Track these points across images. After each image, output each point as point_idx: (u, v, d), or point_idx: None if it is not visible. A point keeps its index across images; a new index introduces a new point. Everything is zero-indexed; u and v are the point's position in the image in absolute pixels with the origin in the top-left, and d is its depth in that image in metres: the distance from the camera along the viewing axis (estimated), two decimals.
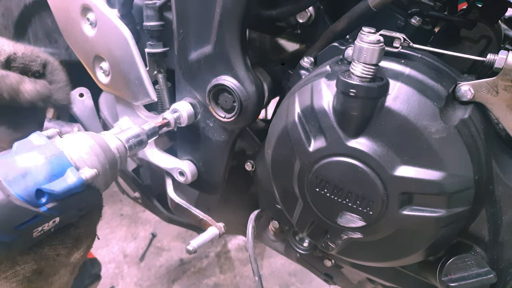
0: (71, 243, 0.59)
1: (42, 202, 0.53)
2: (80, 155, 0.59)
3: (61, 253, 0.58)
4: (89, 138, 0.62)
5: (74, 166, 0.57)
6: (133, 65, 0.80)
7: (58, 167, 0.55)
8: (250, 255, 0.87)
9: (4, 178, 0.51)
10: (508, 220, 0.62)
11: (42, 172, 0.54)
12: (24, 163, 0.54)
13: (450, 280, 0.62)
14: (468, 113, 0.59)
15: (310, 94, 0.64)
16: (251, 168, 0.90)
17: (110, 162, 0.64)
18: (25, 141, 0.58)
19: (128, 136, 0.71)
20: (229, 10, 0.71)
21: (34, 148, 0.56)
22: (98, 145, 0.63)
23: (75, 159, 0.58)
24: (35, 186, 0.52)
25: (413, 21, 0.74)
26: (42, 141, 0.58)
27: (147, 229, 2.22)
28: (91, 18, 0.81)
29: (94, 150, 0.61)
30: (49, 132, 0.61)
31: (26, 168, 0.53)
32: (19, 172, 0.52)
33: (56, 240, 0.58)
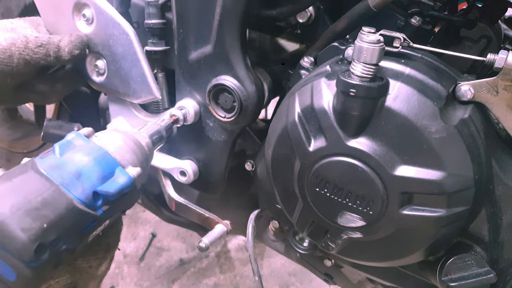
0: (102, 253, 0.59)
1: (98, 204, 0.52)
2: (121, 154, 0.58)
3: (93, 265, 0.57)
4: (124, 136, 0.61)
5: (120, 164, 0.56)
6: (135, 62, 0.79)
7: (107, 167, 0.54)
8: (250, 255, 0.87)
9: (61, 182, 0.49)
10: (508, 220, 0.62)
11: (95, 174, 0.52)
12: (74, 165, 0.52)
13: (450, 279, 0.62)
14: (468, 113, 0.59)
15: (310, 94, 0.64)
16: (251, 168, 0.90)
17: (146, 160, 0.63)
18: (65, 143, 0.56)
19: (151, 132, 0.71)
20: (229, 10, 0.72)
21: (78, 149, 0.55)
22: (133, 143, 0.62)
23: (118, 158, 0.57)
24: (91, 188, 0.51)
25: (413, 21, 0.74)
26: (82, 141, 0.57)
27: (147, 229, 2.22)
28: (87, 14, 0.80)
29: (132, 148, 0.61)
30: (84, 131, 0.60)
31: (78, 170, 0.51)
32: (73, 175, 0.51)
33: (90, 251, 0.57)
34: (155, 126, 0.73)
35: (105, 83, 0.86)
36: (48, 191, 0.47)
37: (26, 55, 0.72)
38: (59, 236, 0.46)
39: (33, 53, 0.73)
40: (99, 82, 0.87)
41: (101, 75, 0.86)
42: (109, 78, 0.85)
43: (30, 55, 0.73)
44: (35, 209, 0.45)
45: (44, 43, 0.74)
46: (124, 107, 0.92)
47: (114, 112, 0.94)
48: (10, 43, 0.71)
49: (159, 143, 0.73)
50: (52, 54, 0.75)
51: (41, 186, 0.48)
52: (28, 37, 0.73)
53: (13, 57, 0.71)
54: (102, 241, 0.59)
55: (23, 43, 0.72)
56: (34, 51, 0.73)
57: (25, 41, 0.72)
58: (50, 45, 0.75)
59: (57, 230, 0.46)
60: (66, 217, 0.47)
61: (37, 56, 0.73)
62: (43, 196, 0.47)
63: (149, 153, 0.66)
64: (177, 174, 0.93)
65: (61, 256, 0.47)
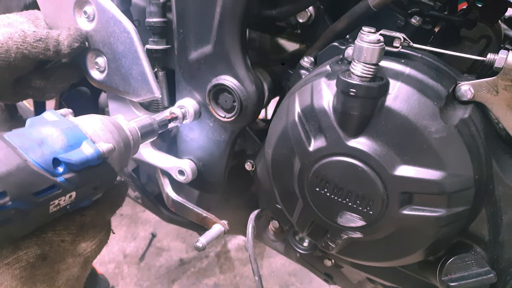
0: (75, 229, 0.58)
1: (59, 171, 0.51)
2: (95, 131, 0.58)
3: (66, 240, 0.57)
4: (103, 118, 0.61)
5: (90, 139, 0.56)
6: (136, 60, 0.79)
7: (73, 138, 0.54)
8: (250, 255, 0.87)
9: (20, 145, 0.49)
10: (508, 220, 0.62)
11: (58, 142, 0.52)
12: (40, 134, 0.52)
13: (450, 279, 0.62)
14: (468, 113, 0.59)
15: (310, 93, 0.64)
16: (251, 168, 0.90)
17: (124, 141, 0.62)
18: (38, 117, 0.56)
19: (141, 124, 0.70)
20: (229, 9, 0.72)
21: (48, 123, 0.55)
22: (111, 124, 0.61)
23: (90, 133, 0.57)
24: (52, 154, 0.50)
25: (413, 21, 0.74)
26: (55, 117, 0.57)
27: (147, 229, 2.22)
28: (88, 11, 0.80)
29: (108, 127, 0.60)
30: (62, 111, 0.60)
31: (42, 138, 0.51)
32: (35, 142, 0.51)
33: (60, 225, 0.56)
34: (148, 120, 0.73)
35: (105, 81, 0.86)
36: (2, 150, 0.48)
37: (24, 50, 0.71)
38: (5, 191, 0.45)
39: (31, 47, 0.72)
40: (99, 80, 0.86)
41: (101, 73, 0.86)
42: (110, 76, 0.84)
43: (28, 50, 0.72)
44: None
45: (43, 37, 0.73)
46: (124, 105, 0.91)
47: (113, 110, 0.94)
48: (7, 38, 0.70)
49: (150, 136, 0.72)
50: (51, 48, 0.74)
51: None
52: (26, 32, 0.72)
53: (10, 52, 0.70)
54: (75, 218, 0.58)
55: (20, 37, 0.71)
56: (33, 45, 0.72)
57: (23, 35, 0.72)
58: (49, 39, 0.74)
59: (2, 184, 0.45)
60: (15, 174, 0.47)
61: (36, 51, 0.73)
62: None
63: (131, 138, 0.66)
64: (175, 173, 0.93)
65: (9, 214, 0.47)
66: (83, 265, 0.60)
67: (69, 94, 1.16)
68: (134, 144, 0.67)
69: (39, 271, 0.54)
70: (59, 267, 0.56)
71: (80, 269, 0.59)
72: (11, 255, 0.51)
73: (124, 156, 0.63)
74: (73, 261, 0.58)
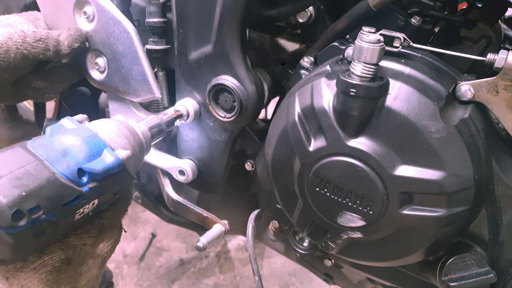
0: (95, 232, 0.59)
1: (83, 181, 0.53)
2: (112, 138, 0.59)
3: (87, 243, 0.58)
4: (117, 123, 0.63)
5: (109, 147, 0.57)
6: (136, 60, 0.79)
7: (95, 147, 0.55)
8: (250, 255, 0.87)
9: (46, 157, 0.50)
10: (508, 220, 0.62)
11: (81, 152, 0.54)
12: (62, 144, 0.54)
13: (450, 279, 0.62)
14: (468, 113, 0.59)
15: (310, 93, 0.64)
16: (251, 168, 0.90)
17: (139, 146, 0.64)
18: (57, 125, 0.58)
19: (150, 124, 0.72)
20: (229, 10, 0.72)
21: (68, 131, 0.56)
22: (126, 129, 0.63)
23: (108, 141, 0.58)
24: (76, 165, 0.52)
25: (413, 21, 0.74)
26: (73, 125, 0.58)
27: (147, 229, 2.22)
28: (88, 11, 0.80)
29: (124, 133, 0.62)
30: (78, 117, 0.61)
31: (65, 148, 0.53)
32: (59, 152, 0.52)
33: (81, 229, 0.58)
34: (156, 119, 0.74)
35: (105, 81, 0.86)
36: (31, 164, 0.49)
37: (24, 50, 0.72)
38: (39, 205, 0.47)
39: (31, 48, 0.72)
40: (99, 80, 0.87)
41: (101, 73, 0.86)
42: (110, 76, 0.85)
43: (28, 50, 0.72)
44: (16, 179, 0.46)
45: (43, 38, 0.73)
46: (124, 106, 0.92)
47: (113, 111, 0.94)
48: (7, 38, 0.70)
49: (159, 135, 0.74)
50: (51, 48, 0.74)
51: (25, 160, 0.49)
52: (26, 32, 0.73)
53: (10, 52, 0.70)
54: (94, 221, 0.60)
55: (20, 38, 0.71)
56: (33, 45, 0.72)
57: (22, 36, 0.72)
58: (49, 39, 0.74)
59: (36, 199, 0.47)
60: (46, 188, 0.48)
61: (36, 51, 0.73)
62: (25, 168, 0.48)
63: (144, 141, 0.67)
64: (175, 173, 0.93)
65: (42, 226, 0.48)
66: (101, 265, 0.62)
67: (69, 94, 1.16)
68: (146, 147, 0.69)
69: (63, 274, 0.55)
70: (81, 269, 0.58)
71: (99, 269, 0.61)
72: (38, 260, 0.53)
73: (139, 160, 0.65)
74: (93, 263, 0.60)
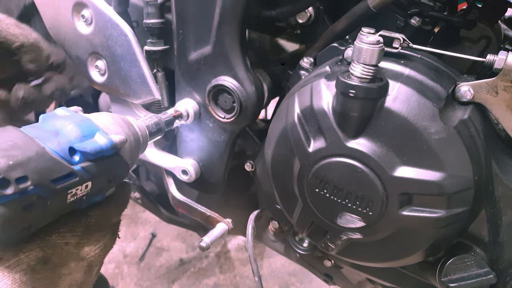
0: (80, 231, 0.56)
1: (75, 160, 0.52)
2: (106, 125, 0.59)
3: (70, 242, 0.55)
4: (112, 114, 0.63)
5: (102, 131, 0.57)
6: (135, 62, 0.79)
7: (87, 130, 0.55)
8: (250, 255, 0.87)
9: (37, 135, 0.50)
10: (508, 221, 0.62)
11: (73, 133, 0.53)
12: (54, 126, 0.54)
13: (450, 280, 0.62)
14: (468, 114, 0.59)
15: (310, 94, 0.64)
16: (251, 168, 0.90)
17: (134, 136, 0.64)
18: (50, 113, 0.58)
19: (148, 122, 0.72)
20: (228, 10, 0.71)
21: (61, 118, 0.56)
22: (121, 120, 0.63)
23: (101, 126, 0.58)
24: (68, 144, 0.52)
25: (413, 22, 0.74)
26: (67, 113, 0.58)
27: (147, 229, 2.22)
28: (86, 15, 0.80)
29: (118, 122, 0.62)
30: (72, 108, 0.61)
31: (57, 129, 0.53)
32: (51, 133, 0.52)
33: (65, 227, 0.55)
34: (154, 118, 0.74)
35: (106, 83, 0.86)
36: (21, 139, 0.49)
37: None
38: (26, 175, 0.46)
39: None
40: (100, 83, 0.87)
41: (102, 76, 0.86)
42: (110, 79, 0.85)
43: None
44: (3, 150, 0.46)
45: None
46: (126, 107, 0.92)
47: (116, 112, 0.94)
48: None
49: (157, 134, 0.74)
50: None
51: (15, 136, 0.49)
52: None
53: None
54: (81, 219, 0.57)
55: None
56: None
57: None
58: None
59: (23, 169, 0.46)
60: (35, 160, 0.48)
61: None
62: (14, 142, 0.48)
63: (140, 134, 0.67)
64: (179, 173, 0.93)
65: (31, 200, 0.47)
66: (87, 270, 0.58)
67: None
68: (143, 141, 0.68)
69: (39, 275, 0.52)
70: (61, 271, 0.54)
71: (84, 274, 0.58)
72: (13, 258, 0.50)
73: (134, 151, 0.64)
74: (76, 266, 0.56)
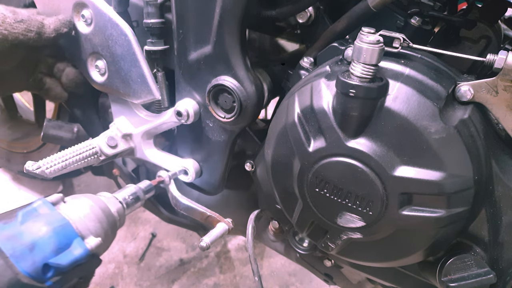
0: None
1: (48, 276, 0.53)
2: (85, 223, 0.61)
3: None
4: (92, 204, 0.64)
5: (80, 235, 0.59)
6: (135, 62, 0.79)
7: (64, 238, 0.56)
8: (250, 255, 0.87)
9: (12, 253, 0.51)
10: (508, 220, 0.62)
11: (50, 245, 0.55)
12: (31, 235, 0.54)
13: (450, 280, 0.62)
14: (468, 113, 0.59)
15: (310, 94, 0.64)
16: (251, 168, 0.90)
17: (111, 227, 0.66)
18: (30, 210, 0.58)
19: (126, 195, 0.74)
20: (228, 10, 0.71)
21: (40, 218, 0.57)
22: (101, 211, 0.64)
23: (80, 228, 0.60)
24: (43, 260, 0.53)
25: (413, 21, 0.74)
26: (47, 209, 0.59)
27: (147, 229, 2.22)
28: (86, 15, 0.80)
29: (98, 216, 0.63)
30: (53, 198, 0.62)
31: (33, 241, 0.54)
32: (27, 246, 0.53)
33: None
34: (132, 189, 0.77)
35: (106, 83, 0.86)
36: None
37: (3, 30, 0.71)
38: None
39: (11, 28, 0.71)
40: (100, 82, 0.87)
41: (102, 75, 0.86)
42: (110, 79, 0.85)
43: (8, 30, 0.71)
44: None
45: (24, 19, 0.73)
46: (126, 107, 0.92)
47: (116, 112, 0.95)
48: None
49: (135, 204, 0.76)
50: (34, 29, 0.73)
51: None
52: (6, 14, 0.72)
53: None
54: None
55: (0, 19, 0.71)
56: (13, 26, 0.72)
57: (2, 17, 0.71)
58: (31, 21, 0.74)
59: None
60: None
61: (16, 31, 0.72)
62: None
63: (118, 219, 0.70)
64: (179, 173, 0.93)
65: None
66: None
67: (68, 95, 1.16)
68: (120, 223, 0.71)
69: None
70: None
71: None
72: None
73: (109, 240, 0.67)
74: None
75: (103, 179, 1.75)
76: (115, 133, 0.93)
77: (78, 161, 0.85)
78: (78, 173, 1.66)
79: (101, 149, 0.91)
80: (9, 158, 1.81)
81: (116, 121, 0.94)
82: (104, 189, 0.75)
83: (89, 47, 0.83)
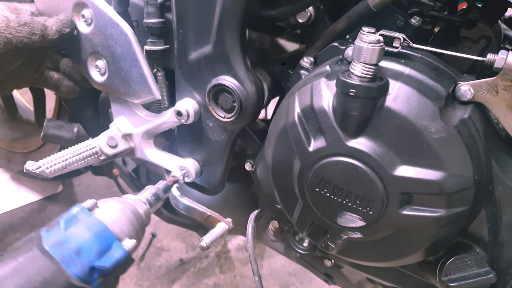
0: None
1: (94, 277, 0.58)
2: (119, 226, 0.65)
3: None
4: (123, 207, 0.69)
5: (117, 238, 0.63)
6: (135, 62, 0.79)
7: (105, 242, 0.61)
8: (250, 255, 0.87)
9: (62, 258, 0.56)
10: (508, 220, 0.62)
11: (93, 249, 0.59)
12: (76, 240, 0.59)
13: (450, 280, 0.62)
14: (468, 113, 0.59)
15: (310, 94, 0.64)
16: (251, 168, 0.90)
17: (141, 228, 0.71)
18: (70, 217, 0.63)
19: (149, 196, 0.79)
20: (229, 10, 0.71)
21: (81, 224, 0.62)
22: (131, 213, 0.69)
23: (117, 231, 0.64)
24: (89, 264, 0.58)
25: (413, 21, 0.74)
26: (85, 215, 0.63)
27: (147, 229, 2.22)
28: (86, 14, 0.80)
29: (129, 218, 0.68)
30: (88, 204, 0.66)
31: (78, 246, 0.58)
32: (73, 251, 0.57)
33: None
34: (153, 190, 0.81)
35: (106, 83, 0.86)
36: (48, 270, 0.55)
37: (7, 34, 0.71)
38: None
39: (15, 32, 0.72)
40: (100, 82, 0.87)
41: (102, 75, 0.86)
42: (110, 78, 0.85)
43: (12, 34, 0.72)
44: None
45: (28, 22, 0.73)
46: (126, 107, 0.92)
47: (116, 112, 0.94)
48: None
49: (157, 204, 0.80)
50: (37, 32, 0.74)
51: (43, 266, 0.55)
52: (9, 17, 0.72)
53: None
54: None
55: (3, 22, 0.71)
56: (17, 29, 0.72)
57: (6, 21, 0.71)
58: (34, 24, 0.74)
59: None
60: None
61: (20, 35, 0.72)
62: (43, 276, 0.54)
63: (145, 219, 0.74)
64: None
65: None
66: None
67: None
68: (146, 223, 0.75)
69: None
70: None
71: None
72: None
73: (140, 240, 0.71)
74: None
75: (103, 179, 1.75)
76: (115, 133, 0.93)
77: (78, 161, 0.85)
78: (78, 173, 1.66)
79: (101, 149, 0.91)
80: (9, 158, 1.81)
81: (116, 121, 0.94)
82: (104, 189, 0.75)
83: (89, 47, 0.83)
